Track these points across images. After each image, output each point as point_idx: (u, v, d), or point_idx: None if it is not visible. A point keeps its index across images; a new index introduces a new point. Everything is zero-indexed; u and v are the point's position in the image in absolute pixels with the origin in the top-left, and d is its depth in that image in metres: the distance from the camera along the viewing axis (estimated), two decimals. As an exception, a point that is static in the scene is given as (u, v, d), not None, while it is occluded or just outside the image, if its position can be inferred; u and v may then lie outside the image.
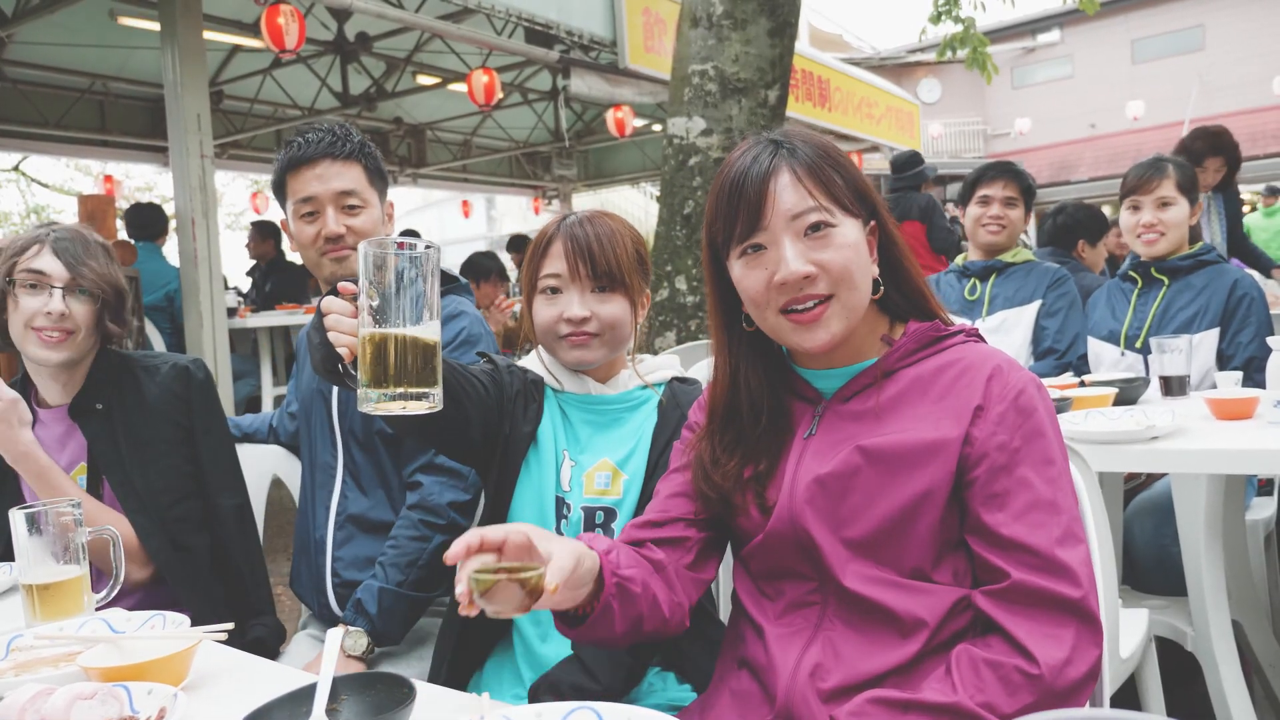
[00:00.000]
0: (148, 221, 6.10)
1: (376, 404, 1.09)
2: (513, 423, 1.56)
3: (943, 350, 1.19)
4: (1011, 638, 1.04)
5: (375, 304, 1.08)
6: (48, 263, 1.83)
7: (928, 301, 1.24)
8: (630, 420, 1.57)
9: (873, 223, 1.21)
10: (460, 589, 0.98)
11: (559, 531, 1.51)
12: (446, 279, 1.97)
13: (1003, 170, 3.23)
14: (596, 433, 1.57)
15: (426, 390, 1.11)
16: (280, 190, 1.94)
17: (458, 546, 1.01)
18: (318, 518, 1.96)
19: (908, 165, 6.11)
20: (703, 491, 1.26)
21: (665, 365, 1.65)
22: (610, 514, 1.51)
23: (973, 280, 3.22)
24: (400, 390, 1.09)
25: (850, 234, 1.16)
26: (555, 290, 1.54)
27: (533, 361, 1.64)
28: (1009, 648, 1.04)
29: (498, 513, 1.56)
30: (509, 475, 1.55)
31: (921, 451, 1.11)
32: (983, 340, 1.23)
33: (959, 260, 3.32)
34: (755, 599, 1.25)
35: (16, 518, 1.42)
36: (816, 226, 1.14)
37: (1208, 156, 4.45)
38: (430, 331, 1.10)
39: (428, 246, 1.10)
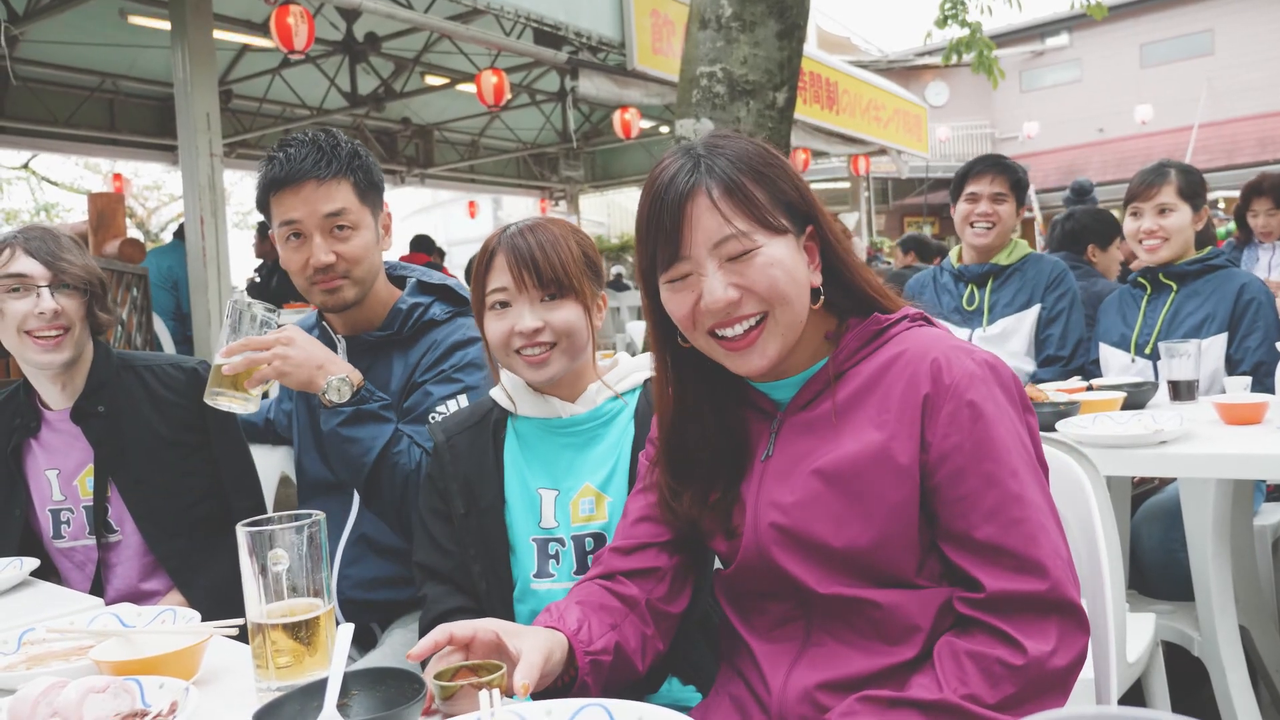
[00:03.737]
0: None
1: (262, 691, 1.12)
2: (468, 501, 1.52)
3: (887, 342, 1.16)
4: (997, 630, 1.03)
5: (278, 570, 1.12)
6: (26, 264, 1.80)
7: (876, 300, 1.19)
8: (606, 437, 1.52)
9: (810, 228, 1.17)
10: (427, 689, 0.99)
11: (550, 573, 1.49)
12: (458, 300, 1.92)
13: (990, 164, 3.12)
14: (576, 455, 1.52)
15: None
16: (265, 209, 1.80)
17: (425, 644, 1.02)
18: (327, 532, 1.92)
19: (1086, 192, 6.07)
20: (669, 521, 1.26)
21: (639, 366, 1.58)
22: (599, 539, 1.48)
23: (970, 287, 3.13)
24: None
25: (775, 252, 1.11)
26: (504, 304, 1.47)
27: (498, 392, 1.58)
28: (993, 639, 1.03)
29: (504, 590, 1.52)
30: (498, 544, 1.52)
31: (879, 464, 1.09)
32: (928, 323, 1.19)
33: (954, 262, 3.22)
34: (740, 615, 1.24)
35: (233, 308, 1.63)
36: (740, 255, 1.11)
37: None
38: (312, 607, 1.14)
39: (311, 521, 1.14)
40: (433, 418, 1.76)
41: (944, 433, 1.07)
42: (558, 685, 1.12)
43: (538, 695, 1.08)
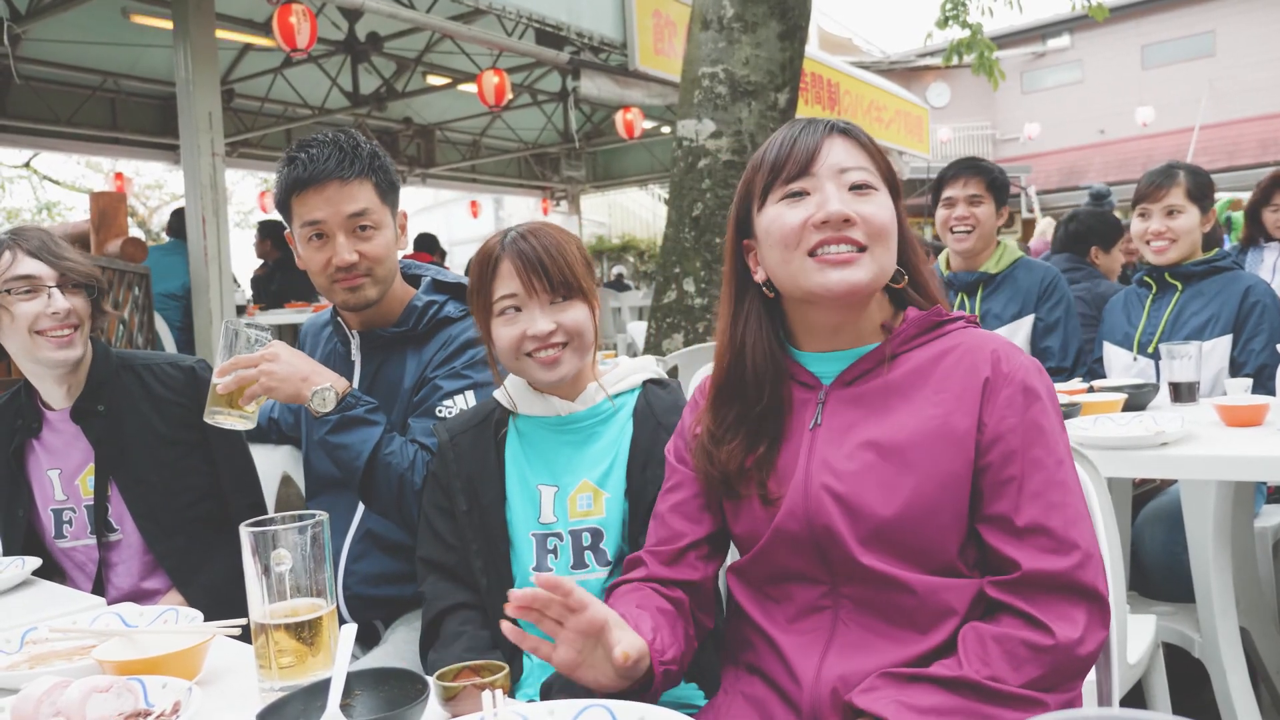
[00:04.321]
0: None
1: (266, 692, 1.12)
2: (470, 498, 1.55)
3: (942, 335, 1.20)
4: (1026, 614, 1.05)
5: (280, 570, 1.13)
6: (31, 266, 1.80)
7: (933, 297, 1.25)
8: (604, 434, 1.54)
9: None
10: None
11: (548, 567, 1.50)
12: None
13: (964, 167, 3.07)
14: (575, 452, 1.54)
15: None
16: (285, 209, 1.81)
17: (526, 592, 1.04)
18: (334, 527, 1.93)
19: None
20: (705, 471, 1.26)
21: (640, 368, 1.60)
22: (597, 534, 1.49)
23: (960, 296, 3.11)
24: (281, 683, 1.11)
25: (887, 201, 1.19)
26: (515, 309, 1.48)
27: (501, 394, 1.61)
28: (1020, 622, 1.05)
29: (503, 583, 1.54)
30: (499, 540, 1.53)
31: (934, 438, 1.12)
32: (979, 326, 1.24)
33: (943, 269, 3.19)
34: (759, 606, 1.23)
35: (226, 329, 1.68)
36: (861, 186, 1.18)
37: None
38: (315, 607, 1.14)
39: (315, 520, 1.14)
40: (439, 411, 1.77)
41: (1000, 414, 1.12)
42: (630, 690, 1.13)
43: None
